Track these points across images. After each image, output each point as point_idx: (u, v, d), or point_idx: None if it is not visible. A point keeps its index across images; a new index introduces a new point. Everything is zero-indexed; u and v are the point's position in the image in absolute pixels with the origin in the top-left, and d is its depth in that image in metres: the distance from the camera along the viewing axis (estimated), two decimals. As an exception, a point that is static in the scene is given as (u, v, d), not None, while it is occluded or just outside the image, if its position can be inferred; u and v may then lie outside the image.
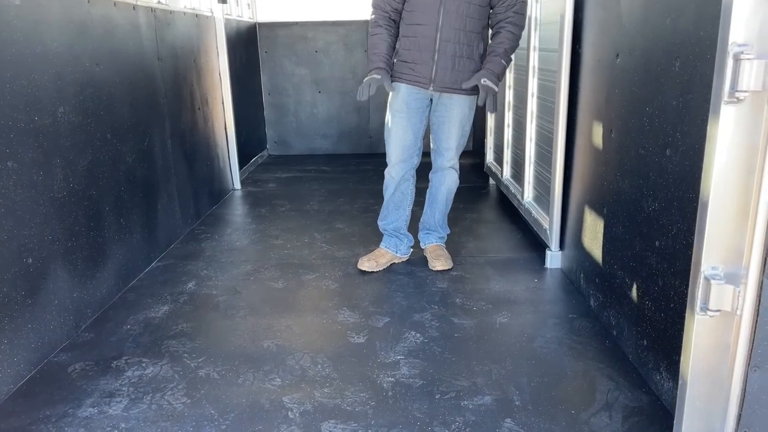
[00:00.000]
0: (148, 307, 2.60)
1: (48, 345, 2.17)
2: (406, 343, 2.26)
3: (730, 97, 1.25)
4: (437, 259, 2.97)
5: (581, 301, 2.58)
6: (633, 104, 2.08)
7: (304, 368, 2.10)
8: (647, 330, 1.97)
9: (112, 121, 2.69)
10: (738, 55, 1.22)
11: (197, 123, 3.91)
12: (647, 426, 1.75)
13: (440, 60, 2.69)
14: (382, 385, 1.99)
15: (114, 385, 2.01)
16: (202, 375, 2.06)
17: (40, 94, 2.15)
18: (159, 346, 2.26)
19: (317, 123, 6.06)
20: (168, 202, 3.33)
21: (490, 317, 2.46)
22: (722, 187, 1.30)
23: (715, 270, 1.35)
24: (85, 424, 1.80)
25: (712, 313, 1.36)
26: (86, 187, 2.45)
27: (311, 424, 1.79)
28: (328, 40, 5.84)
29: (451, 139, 2.87)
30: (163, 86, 3.31)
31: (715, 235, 1.33)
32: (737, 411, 1.38)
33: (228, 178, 4.61)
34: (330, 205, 4.18)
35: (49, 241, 2.19)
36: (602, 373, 2.04)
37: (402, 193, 2.94)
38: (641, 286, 2.02)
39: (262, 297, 2.70)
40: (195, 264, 3.10)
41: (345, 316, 2.49)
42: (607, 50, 2.33)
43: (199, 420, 1.82)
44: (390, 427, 1.77)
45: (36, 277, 2.10)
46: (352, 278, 2.90)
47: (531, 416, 1.81)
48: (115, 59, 2.74)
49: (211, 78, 4.24)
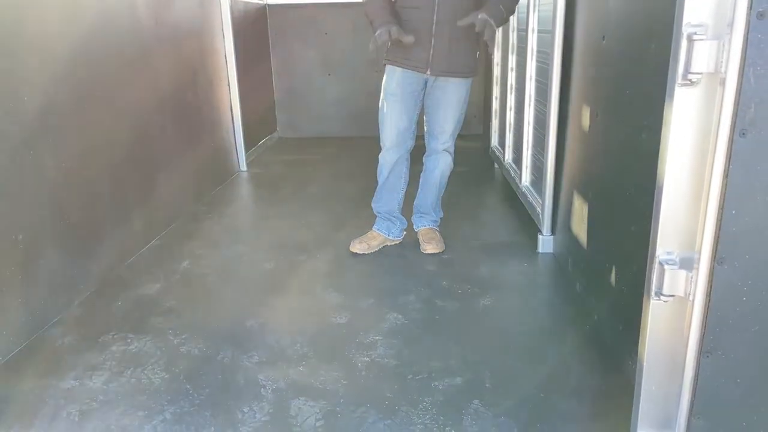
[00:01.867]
0: (141, 284, 2.67)
1: (39, 320, 2.25)
2: (387, 324, 2.28)
3: (684, 79, 1.22)
4: (429, 242, 2.98)
5: (567, 286, 2.56)
6: (615, 87, 2.05)
7: (283, 347, 2.14)
8: (622, 315, 1.96)
9: (106, 101, 2.73)
10: (691, 36, 1.20)
11: (201, 105, 3.95)
12: (614, 411, 1.74)
13: (437, 43, 2.66)
14: (357, 365, 2.02)
15: (98, 359, 2.07)
16: (183, 351, 2.12)
17: (30, 73, 2.20)
18: (146, 323, 2.32)
19: (327, 106, 6.06)
20: (168, 183, 3.39)
21: (474, 300, 2.46)
22: (677, 171, 1.29)
23: (669, 255, 1.34)
24: (65, 395, 1.87)
25: (665, 298, 1.35)
26: (80, 167, 2.51)
27: (281, 401, 1.83)
28: (338, 22, 5.82)
29: (447, 122, 2.85)
30: (162, 67, 3.34)
31: (670, 219, 1.31)
32: (690, 397, 1.37)
33: (234, 160, 4.66)
34: (332, 188, 4.20)
35: (40, 219, 2.25)
36: (578, 357, 2.04)
37: (396, 176, 2.95)
38: (619, 271, 2.00)
39: (252, 277, 2.75)
40: (192, 244, 3.16)
41: (330, 297, 2.52)
42: (594, 32, 2.29)
43: (174, 395, 1.87)
44: (358, 406, 1.80)
45: (27, 254, 2.17)
46: (342, 260, 2.92)
47: (499, 398, 1.82)
48: (110, 39, 2.78)
49: (215, 60, 4.27)
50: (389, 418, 1.75)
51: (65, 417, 1.77)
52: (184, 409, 1.80)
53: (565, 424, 1.70)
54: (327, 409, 1.79)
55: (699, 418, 1.37)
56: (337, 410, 1.78)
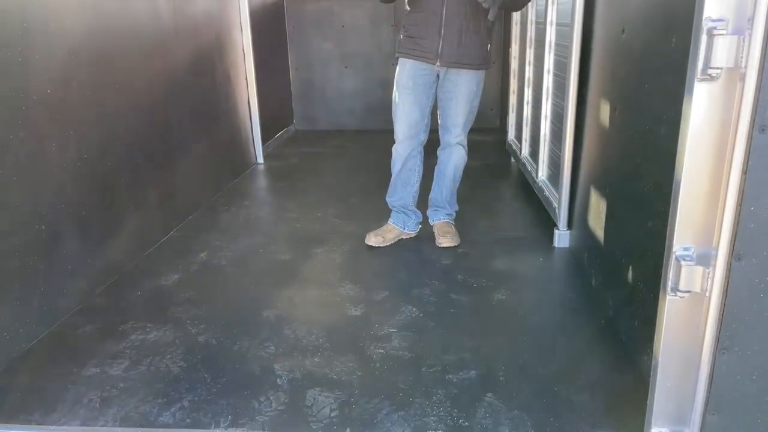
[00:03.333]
0: (160, 275, 2.71)
1: (61, 308, 2.29)
2: (401, 317, 2.30)
3: (703, 74, 1.22)
4: (444, 235, 2.98)
5: (583, 281, 2.56)
6: (635, 81, 2.03)
7: (299, 338, 2.16)
8: (639, 311, 1.95)
9: (127, 94, 2.77)
10: (711, 31, 1.19)
11: (219, 97, 3.98)
12: (627, 406, 1.74)
13: (447, 34, 2.66)
14: (372, 357, 2.03)
15: (118, 347, 2.11)
16: (201, 341, 2.15)
17: (54, 67, 2.23)
18: (165, 313, 2.36)
19: (343, 99, 6.07)
20: (187, 175, 3.42)
21: (489, 294, 2.47)
22: (695, 167, 1.28)
23: (686, 251, 1.33)
24: (86, 382, 1.91)
25: (682, 294, 1.34)
26: (101, 159, 2.55)
27: (297, 390, 1.85)
28: (354, 15, 5.82)
29: (459, 115, 2.85)
30: (182, 60, 3.38)
31: (687, 215, 1.31)
32: (705, 393, 1.37)
33: (251, 153, 4.69)
34: (348, 181, 4.22)
35: (62, 210, 2.29)
36: (592, 352, 2.04)
37: (409, 169, 2.95)
38: (635, 266, 1.99)
39: (269, 269, 2.77)
40: (210, 235, 3.19)
41: (346, 289, 2.54)
42: (614, 25, 2.27)
43: (192, 383, 1.90)
44: (372, 397, 1.82)
45: (49, 244, 2.21)
46: (358, 253, 2.94)
47: (513, 392, 1.83)
48: (132, 33, 2.81)
49: (233, 53, 4.30)
50: (403, 409, 1.76)
51: (86, 403, 1.81)
52: (201, 397, 1.83)
53: (578, 419, 1.70)
54: (342, 400, 1.81)
55: (714, 414, 1.37)
56: (352, 401, 1.80)
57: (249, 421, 1.72)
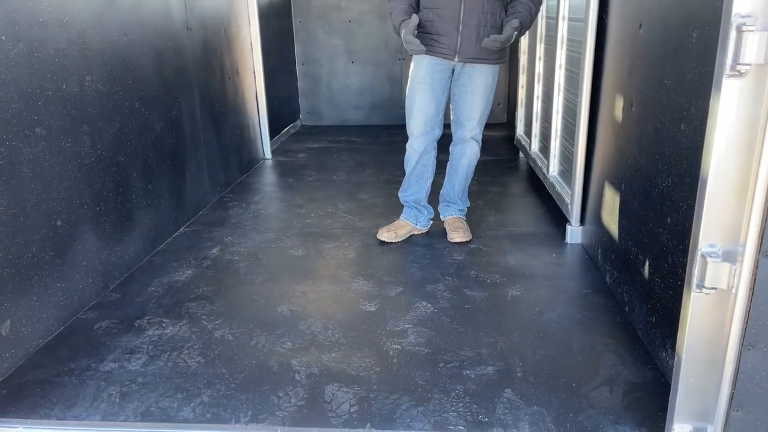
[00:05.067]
0: (172, 270, 2.71)
1: (76, 303, 2.30)
2: (416, 313, 2.30)
3: (732, 70, 1.21)
4: (456, 231, 2.98)
5: (597, 277, 2.56)
6: (653, 77, 2.03)
7: (315, 333, 2.17)
8: (656, 307, 1.95)
9: (140, 89, 2.77)
10: (741, 27, 1.19)
11: (227, 93, 3.97)
12: (647, 402, 1.75)
13: (465, 31, 2.65)
14: (388, 352, 2.04)
15: (135, 342, 2.12)
16: (218, 336, 2.15)
17: (67, 62, 2.23)
18: (180, 308, 2.36)
19: (350, 94, 6.07)
20: (197, 171, 3.43)
21: (503, 290, 2.47)
22: (722, 164, 1.28)
23: (712, 247, 1.33)
24: (105, 377, 1.92)
25: (707, 290, 1.34)
26: (114, 154, 2.55)
27: (316, 386, 1.86)
28: (361, 9, 5.81)
29: (474, 109, 2.84)
30: (192, 56, 3.37)
31: (714, 212, 1.31)
32: (730, 390, 1.37)
33: (259, 148, 4.69)
34: (356, 176, 4.22)
35: (77, 205, 2.29)
36: (609, 348, 2.04)
37: (423, 165, 2.95)
38: (653, 262, 1.99)
39: (281, 264, 2.78)
40: (220, 231, 3.20)
41: (359, 285, 2.54)
42: (630, 20, 2.26)
43: (210, 378, 1.91)
44: (391, 392, 1.82)
45: (65, 239, 2.22)
46: (370, 248, 2.94)
47: (531, 387, 1.83)
48: (144, 29, 2.81)
49: (241, 48, 4.29)
50: (422, 405, 1.77)
51: (106, 398, 1.81)
52: (220, 392, 1.83)
53: (598, 415, 1.71)
54: (360, 395, 1.81)
55: (739, 410, 1.37)
56: (371, 396, 1.80)
57: (269, 417, 1.72)
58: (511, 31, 2.53)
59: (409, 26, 2.55)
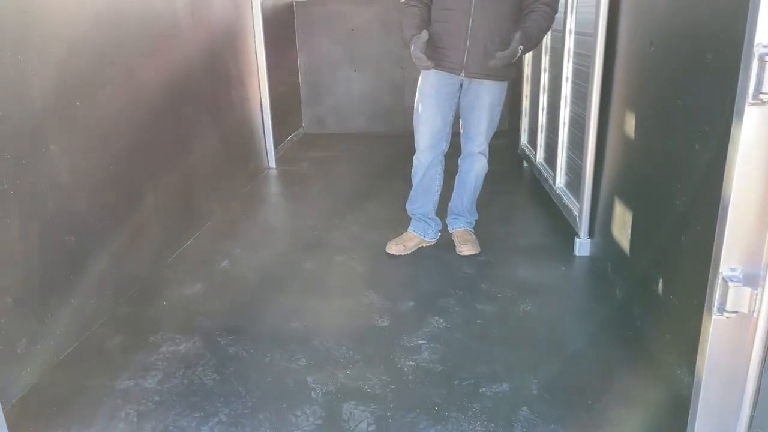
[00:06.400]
0: (183, 284, 2.71)
1: (89, 319, 2.30)
2: (429, 328, 2.31)
3: (754, 98, 1.23)
4: (464, 243, 2.99)
5: (607, 291, 2.57)
6: (665, 95, 2.05)
7: (329, 349, 2.17)
8: (670, 324, 1.96)
9: (151, 104, 2.78)
10: (763, 57, 1.20)
11: (233, 103, 3.98)
12: (663, 421, 1.76)
13: (472, 46, 2.66)
14: (403, 369, 2.05)
15: (149, 359, 2.12)
16: (232, 353, 2.16)
17: (80, 80, 2.24)
18: (192, 323, 2.36)
19: (352, 102, 6.07)
20: (205, 182, 3.43)
21: (515, 304, 2.48)
22: (744, 189, 1.29)
23: (733, 271, 1.34)
24: (121, 395, 1.92)
25: (728, 314, 1.35)
26: (126, 169, 2.55)
27: (333, 404, 1.86)
28: (364, 18, 5.82)
29: (482, 124, 2.86)
30: (199, 68, 3.38)
31: (735, 236, 1.32)
32: (750, 412, 1.38)
33: (263, 157, 4.70)
34: (361, 186, 4.22)
35: (90, 221, 2.30)
36: (623, 364, 2.05)
37: (430, 178, 2.96)
38: (666, 280, 2.01)
39: (291, 277, 2.78)
40: (228, 243, 3.20)
41: (370, 299, 2.55)
42: (641, 38, 2.28)
43: (227, 396, 1.91)
44: (408, 411, 1.83)
45: (77, 256, 2.22)
46: (379, 261, 2.95)
47: (547, 405, 1.84)
48: (153, 43, 2.82)
49: (247, 57, 4.30)
50: (440, 423, 1.77)
51: (123, 417, 1.81)
52: (238, 411, 1.84)
53: (615, 433, 1.72)
54: (378, 414, 1.82)
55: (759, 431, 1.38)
56: (388, 415, 1.81)
57: (288, 436, 1.73)
58: (516, 45, 2.53)
59: (418, 42, 2.56)
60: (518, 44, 2.54)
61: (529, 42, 2.63)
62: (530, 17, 2.64)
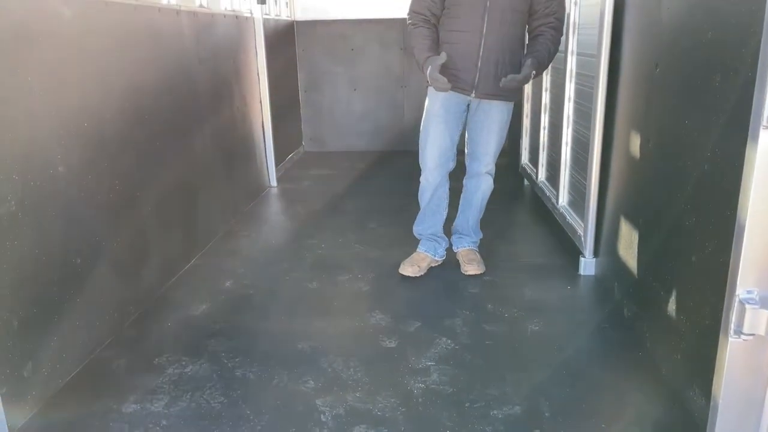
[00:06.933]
0: (187, 305, 2.69)
1: (94, 341, 2.28)
2: (437, 349, 2.29)
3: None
4: (469, 263, 2.99)
5: (615, 311, 2.56)
6: (672, 116, 2.06)
7: (337, 371, 2.15)
8: (682, 345, 1.95)
9: (155, 124, 2.78)
10: (778, 81, 1.21)
11: (236, 122, 3.99)
12: (678, 443, 1.75)
13: (483, 67, 2.68)
14: (413, 392, 2.03)
15: (156, 382, 2.10)
16: (239, 375, 2.14)
17: (88, 100, 2.24)
18: (198, 345, 2.34)
19: (352, 120, 6.10)
20: (208, 201, 3.42)
21: (522, 325, 2.47)
22: (759, 212, 1.29)
23: (750, 294, 1.34)
24: (128, 419, 1.89)
25: (746, 337, 1.35)
26: (131, 189, 2.54)
27: (342, 427, 1.84)
28: (364, 38, 5.87)
29: (490, 144, 2.87)
30: (203, 88, 3.39)
31: (751, 258, 1.32)
32: (769, 435, 1.37)
33: (265, 176, 4.70)
34: (363, 204, 4.22)
35: (96, 242, 2.28)
36: (634, 386, 2.04)
37: (439, 198, 2.96)
38: (677, 300, 2.00)
39: (296, 297, 2.77)
40: (232, 262, 3.18)
41: (377, 320, 2.54)
42: (646, 59, 2.30)
43: (235, 420, 1.89)
44: (420, 434, 1.81)
45: (83, 277, 2.20)
46: (384, 280, 2.94)
47: (560, 428, 1.82)
48: (159, 64, 2.83)
49: (249, 77, 4.32)
50: (452, 447, 1.75)
51: (131, 442, 1.79)
52: (247, 435, 1.82)
53: (629, 456, 1.70)
54: (389, 438, 1.80)
55: (778, 457, 1.37)
56: (400, 439, 1.79)
57: (298, 461, 1.71)
58: (529, 71, 2.56)
59: (435, 63, 2.58)
60: (531, 70, 2.57)
61: (541, 67, 2.68)
62: (539, 41, 2.67)
